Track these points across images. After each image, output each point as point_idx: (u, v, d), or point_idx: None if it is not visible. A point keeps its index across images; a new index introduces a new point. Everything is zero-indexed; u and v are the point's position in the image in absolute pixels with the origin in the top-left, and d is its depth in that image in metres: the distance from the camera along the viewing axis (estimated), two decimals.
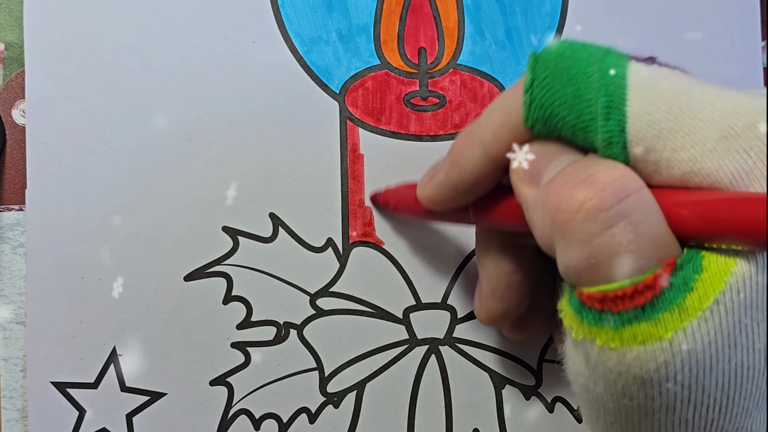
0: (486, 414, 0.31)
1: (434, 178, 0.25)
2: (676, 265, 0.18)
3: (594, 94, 0.20)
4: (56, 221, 0.29)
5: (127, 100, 0.30)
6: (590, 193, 0.18)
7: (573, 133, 0.21)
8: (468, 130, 0.24)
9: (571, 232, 0.19)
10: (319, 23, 0.31)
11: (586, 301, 0.19)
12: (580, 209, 0.18)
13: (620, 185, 0.18)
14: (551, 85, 0.21)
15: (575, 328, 0.20)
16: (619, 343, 0.19)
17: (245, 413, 0.30)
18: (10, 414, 0.29)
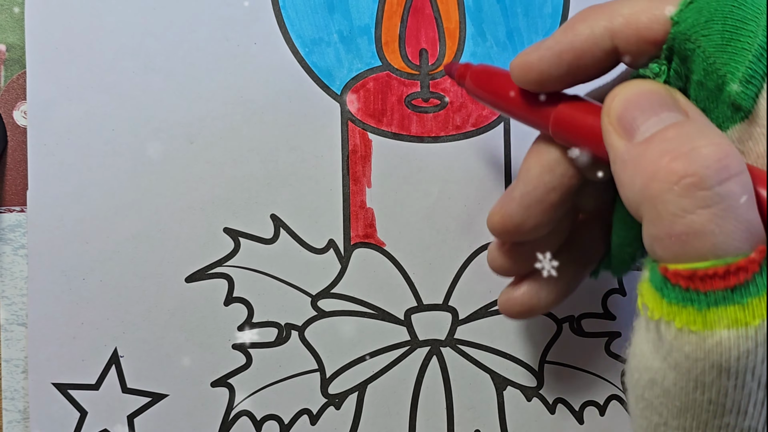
0: (487, 415, 0.31)
1: (541, 45, 0.23)
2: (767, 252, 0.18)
3: (757, 30, 0.19)
4: (57, 222, 0.29)
5: (129, 101, 0.30)
6: (692, 168, 0.17)
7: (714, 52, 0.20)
8: (599, 4, 0.22)
9: (663, 204, 0.18)
10: (321, 24, 0.31)
11: (671, 278, 0.18)
12: (679, 183, 0.18)
13: (724, 165, 0.17)
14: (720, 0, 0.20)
15: (652, 308, 0.19)
16: (701, 326, 0.18)
17: (246, 414, 0.30)
18: (11, 415, 0.29)
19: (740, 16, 0.20)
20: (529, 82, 0.23)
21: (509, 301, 0.27)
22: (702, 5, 0.20)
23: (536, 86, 0.23)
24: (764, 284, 0.17)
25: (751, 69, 0.19)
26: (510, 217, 0.25)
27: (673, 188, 0.18)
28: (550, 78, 0.23)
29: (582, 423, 0.32)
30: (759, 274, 0.17)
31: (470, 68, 0.27)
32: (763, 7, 0.20)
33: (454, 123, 0.31)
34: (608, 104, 0.21)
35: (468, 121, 0.31)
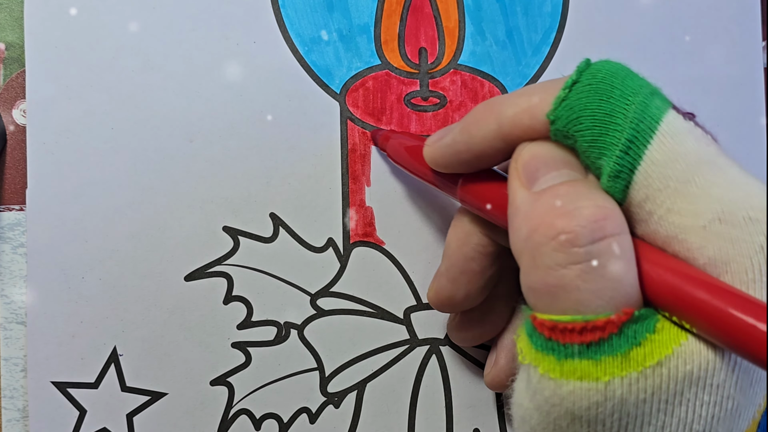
0: (486, 414, 0.31)
1: (442, 139, 0.25)
2: (631, 316, 0.18)
3: (624, 123, 0.20)
4: (57, 221, 0.29)
5: (128, 100, 0.30)
6: (569, 226, 0.19)
7: (587, 148, 0.21)
8: (489, 102, 0.23)
9: (540, 256, 0.19)
10: (320, 23, 0.31)
11: (537, 326, 0.19)
12: (555, 238, 0.19)
13: (600, 226, 0.19)
14: (590, 94, 0.21)
15: (524, 352, 0.20)
16: (558, 374, 0.19)
17: (246, 413, 0.30)
18: (10, 414, 0.29)
19: (608, 110, 0.20)
20: (438, 169, 0.26)
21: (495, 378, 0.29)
22: (573, 102, 0.21)
23: (443, 170, 0.26)
24: (620, 345, 0.18)
25: (618, 164, 0.20)
26: (441, 290, 0.27)
27: (551, 242, 0.19)
28: (453, 169, 0.25)
29: None
30: (617, 335, 0.18)
31: (390, 137, 0.29)
32: (632, 97, 0.20)
33: (454, 122, 0.31)
34: (518, 152, 0.22)
35: None
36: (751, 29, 0.34)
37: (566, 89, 0.21)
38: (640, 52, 0.33)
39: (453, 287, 0.26)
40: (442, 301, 0.27)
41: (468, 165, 0.24)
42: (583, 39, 0.32)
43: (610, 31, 0.32)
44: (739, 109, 0.33)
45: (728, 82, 0.33)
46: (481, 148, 0.23)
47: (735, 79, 0.33)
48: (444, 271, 0.27)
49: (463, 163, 0.24)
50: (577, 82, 0.21)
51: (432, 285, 0.28)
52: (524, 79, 0.32)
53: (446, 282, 0.27)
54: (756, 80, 0.33)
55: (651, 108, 0.20)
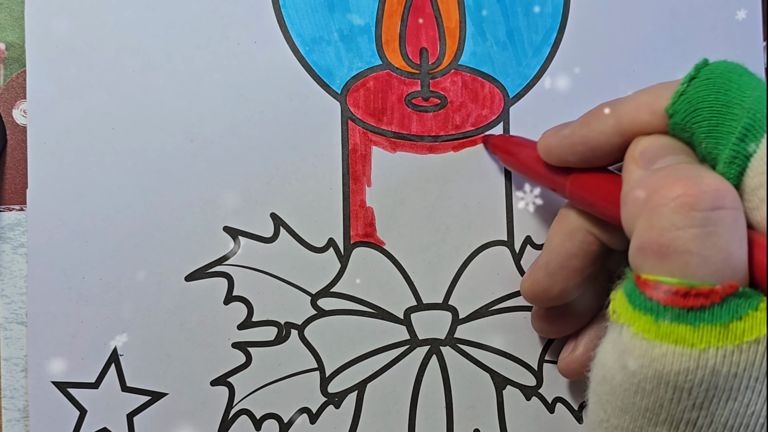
0: (487, 414, 0.31)
1: (560, 131, 0.26)
2: (736, 291, 0.19)
3: (741, 113, 0.21)
4: (57, 221, 0.29)
5: (129, 100, 0.30)
6: (690, 190, 0.19)
7: (704, 138, 0.21)
8: (612, 101, 0.25)
9: (657, 216, 0.19)
10: (321, 23, 0.31)
11: (640, 285, 0.20)
12: (676, 199, 0.19)
13: (721, 196, 0.19)
14: (708, 88, 0.22)
15: (619, 312, 0.20)
16: (653, 335, 0.19)
17: (246, 413, 0.30)
18: (11, 414, 0.29)
19: (725, 102, 0.21)
20: (550, 161, 0.27)
21: (570, 365, 0.29)
22: (691, 96, 0.22)
23: (558, 164, 0.27)
24: (721, 315, 0.18)
25: (734, 150, 0.21)
26: (538, 283, 0.27)
27: (670, 203, 0.19)
28: (567, 162, 0.26)
29: (581, 422, 0.32)
30: (719, 305, 0.18)
31: (504, 141, 0.31)
32: (749, 91, 0.21)
33: (454, 122, 0.31)
34: (635, 143, 0.23)
35: (468, 120, 0.31)
36: (751, 30, 0.34)
37: (685, 84, 0.22)
38: (640, 53, 0.33)
39: (550, 281, 0.27)
40: (537, 294, 0.27)
41: (582, 158, 0.25)
42: (584, 40, 0.32)
43: (611, 32, 0.32)
44: None
45: None
46: (597, 142, 0.24)
47: None
48: (543, 264, 0.27)
49: (578, 155, 0.25)
50: (695, 77, 0.22)
51: (528, 277, 0.28)
52: (525, 79, 0.32)
53: (544, 275, 0.27)
54: None
55: None
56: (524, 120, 0.32)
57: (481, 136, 0.31)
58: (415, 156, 0.31)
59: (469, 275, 0.31)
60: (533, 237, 0.32)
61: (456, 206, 0.31)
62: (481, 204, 0.31)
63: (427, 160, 0.31)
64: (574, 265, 0.26)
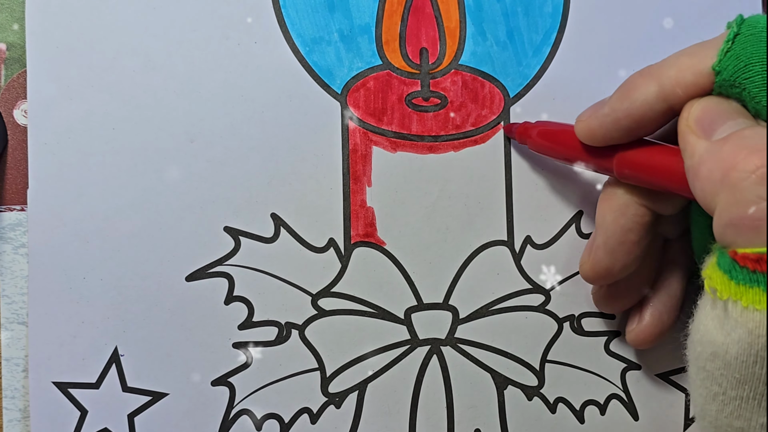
0: (488, 414, 0.31)
1: (597, 111, 0.26)
2: None
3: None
4: (58, 221, 0.29)
5: (129, 100, 0.30)
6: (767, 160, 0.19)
7: (759, 92, 0.21)
8: (644, 69, 0.24)
9: (741, 191, 0.19)
10: (321, 23, 0.31)
11: (739, 260, 0.20)
12: (755, 172, 0.19)
13: None
14: (754, 43, 0.22)
15: (721, 289, 0.21)
16: (766, 305, 0.19)
17: (247, 413, 0.30)
18: (11, 414, 0.29)
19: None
20: (594, 143, 0.26)
21: (640, 335, 0.30)
22: (738, 52, 0.22)
23: (601, 144, 0.26)
24: None
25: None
26: (599, 263, 0.27)
27: (751, 176, 0.19)
28: (612, 139, 0.26)
29: (582, 422, 0.32)
30: None
31: (533, 127, 0.29)
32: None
33: (454, 122, 0.31)
34: (686, 111, 0.23)
35: (468, 120, 0.31)
36: None
37: (729, 41, 0.22)
38: (640, 52, 0.33)
39: (611, 259, 0.27)
40: (600, 273, 0.27)
41: (627, 132, 0.25)
42: (584, 39, 0.32)
43: (611, 32, 0.32)
44: None
45: None
46: (641, 112, 0.24)
47: None
48: (601, 244, 0.27)
49: (623, 131, 0.25)
50: (738, 33, 0.22)
51: (587, 259, 0.28)
52: (525, 79, 0.32)
53: (604, 254, 0.27)
54: None
55: None
56: (525, 119, 0.32)
57: (504, 127, 0.31)
58: (416, 156, 0.31)
59: (470, 275, 0.31)
60: (533, 237, 0.32)
61: (456, 206, 0.31)
62: (481, 204, 0.31)
63: (428, 160, 0.31)
64: (632, 239, 0.26)
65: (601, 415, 0.32)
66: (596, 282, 0.28)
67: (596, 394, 0.32)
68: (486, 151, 0.32)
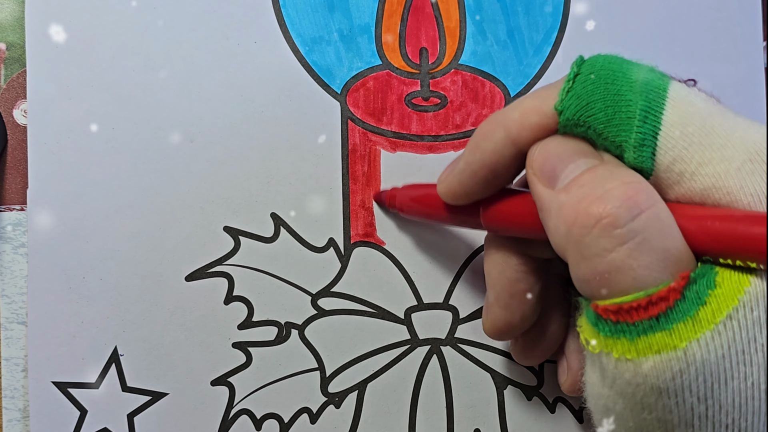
0: (487, 414, 0.31)
1: (455, 168, 0.25)
2: (689, 278, 0.19)
3: (635, 97, 0.21)
4: (57, 221, 0.29)
5: (129, 100, 0.30)
6: (606, 210, 0.19)
7: (604, 128, 0.21)
8: (491, 117, 0.24)
9: (586, 247, 0.19)
10: (321, 23, 0.31)
11: (601, 313, 0.20)
12: (596, 225, 0.19)
13: (634, 202, 0.19)
14: (594, 81, 0.22)
15: (591, 342, 0.20)
16: (635, 353, 0.19)
17: (246, 413, 0.30)
18: (11, 414, 0.29)
19: (616, 90, 0.21)
20: (458, 201, 0.26)
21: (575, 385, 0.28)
22: (579, 91, 0.22)
23: (466, 202, 0.25)
24: (688, 309, 0.19)
25: (641, 133, 0.21)
26: (497, 319, 0.27)
27: (592, 231, 0.19)
28: (474, 194, 0.25)
29: (582, 422, 0.32)
30: (681, 300, 0.19)
31: (396, 194, 0.29)
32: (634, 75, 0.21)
33: (454, 122, 0.31)
34: (530, 157, 0.23)
35: (468, 120, 0.31)
36: (752, 29, 0.34)
37: (570, 81, 0.22)
38: (640, 52, 0.32)
39: (508, 313, 0.26)
40: (501, 329, 0.27)
41: (486, 184, 0.24)
42: (585, 39, 0.32)
43: (611, 31, 0.32)
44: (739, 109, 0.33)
45: (728, 82, 0.33)
46: (494, 160, 0.24)
47: (735, 79, 0.33)
48: (494, 301, 0.26)
49: (481, 183, 0.24)
50: (578, 74, 0.22)
51: (485, 318, 0.27)
52: (526, 78, 0.32)
53: (499, 310, 0.26)
54: (756, 80, 0.33)
55: (655, 81, 0.21)
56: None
57: (373, 196, 0.31)
58: (416, 156, 0.31)
59: (470, 275, 0.31)
60: None
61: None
62: None
63: (428, 159, 0.31)
64: (522, 289, 0.26)
65: None
66: (503, 338, 0.28)
67: None
68: None
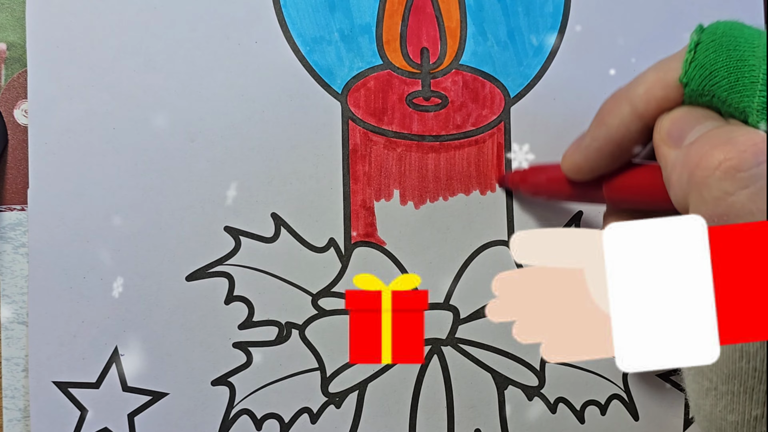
0: (488, 414, 0.31)
1: (580, 144, 0.25)
2: None
3: (758, 62, 0.21)
4: (58, 221, 0.29)
5: (129, 100, 0.30)
6: (730, 153, 0.19)
7: (728, 95, 0.21)
8: (615, 93, 0.24)
9: (707, 189, 0.19)
10: (322, 23, 0.31)
11: None
12: (719, 167, 0.19)
13: (760, 149, 0.19)
14: (716, 48, 0.22)
15: None
16: None
17: (247, 413, 0.30)
18: (12, 414, 0.29)
19: (738, 57, 0.21)
20: (584, 177, 0.26)
21: None
22: (702, 61, 0.22)
23: (590, 177, 0.26)
24: None
25: (764, 96, 0.21)
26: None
27: (715, 173, 0.19)
28: (599, 169, 0.25)
29: (583, 422, 0.32)
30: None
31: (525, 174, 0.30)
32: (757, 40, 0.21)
33: (455, 122, 0.31)
34: (658, 125, 0.23)
35: (468, 120, 0.31)
36: None
37: (691, 51, 0.22)
38: (641, 52, 0.33)
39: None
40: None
41: (611, 159, 0.25)
42: (585, 39, 0.32)
43: (611, 32, 0.32)
44: None
45: None
46: (620, 134, 0.24)
47: None
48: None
49: (607, 158, 0.25)
50: (699, 42, 0.22)
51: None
52: (526, 79, 0.32)
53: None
54: None
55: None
56: (526, 119, 0.32)
57: (497, 179, 0.31)
58: (416, 156, 0.31)
59: (470, 275, 0.31)
60: None
61: (456, 206, 0.31)
62: (482, 203, 0.31)
63: (428, 159, 0.31)
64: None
65: (601, 415, 0.32)
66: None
67: (597, 394, 0.32)
68: (486, 151, 0.32)
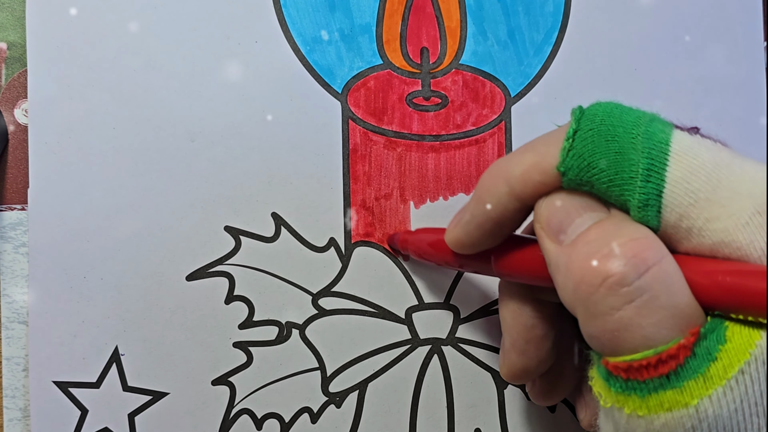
0: (488, 414, 0.31)
1: (461, 220, 0.25)
2: (699, 334, 0.18)
3: (637, 155, 0.20)
4: (58, 221, 0.29)
5: (130, 99, 0.30)
6: (612, 268, 0.19)
7: (607, 188, 0.21)
8: (494, 167, 0.24)
9: (593, 305, 0.19)
10: (322, 23, 0.31)
11: (612, 370, 0.19)
12: (603, 284, 0.19)
13: (641, 259, 0.19)
14: (594, 138, 0.21)
15: (604, 396, 0.20)
16: (646, 410, 0.19)
17: (247, 413, 0.30)
18: (12, 413, 0.29)
19: (617, 149, 0.21)
20: (467, 251, 0.25)
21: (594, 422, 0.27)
22: (580, 150, 0.21)
23: (474, 251, 0.25)
24: (698, 365, 0.18)
25: (644, 194, 0.20)
26: (514, 365, 0.26)
27: (599, 289, 0.19)
28: (482, 244, 0.25)
29: None
30: (691, 357, 0.18)
31: (408, 239, 0.29)
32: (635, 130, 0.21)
33: (455, 122, 0.31)
34: (537, 211, 0.22)
35: (468, 119, 0.31)
36: (752, 30, 0.34)
37: (569, 139, 0.21)
38: (641, 52, 0.33)
39: (524, 359, 0.26)
40: (518, 374, 0.27)
41: (493, 235, 0.24)
42: (585, 39, 0.32)
43: (612, 32, 0.32)
44: (739, 110, 0.33)
45: (729, 82, 0.33)
46: (498, 213, 0.23)
47: (736, 79, 0.33)
48: (510, 347, 0.26)
49: (488, 234, 0.24)
50: (578, 130, 0.21)
51: (502, 363, 0.27)
52: (526, 78, 0.32)
53: (516, 356, 0.26)
54: (757, 80, 0.33)
55: (657, 134, 0.20)
56: (526, 119, 0.32)
57: (386, 239, 0.31)
58: (416, 156, 0.31)
59: (471, 275, 0.31)
60: None
61: (457, 206, 0.31)
62: None
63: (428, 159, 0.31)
64: (537, 335, 0.26)
65: None
66: (520, 382, 0.27)
67: None
68: (487, 150, 0.32)
